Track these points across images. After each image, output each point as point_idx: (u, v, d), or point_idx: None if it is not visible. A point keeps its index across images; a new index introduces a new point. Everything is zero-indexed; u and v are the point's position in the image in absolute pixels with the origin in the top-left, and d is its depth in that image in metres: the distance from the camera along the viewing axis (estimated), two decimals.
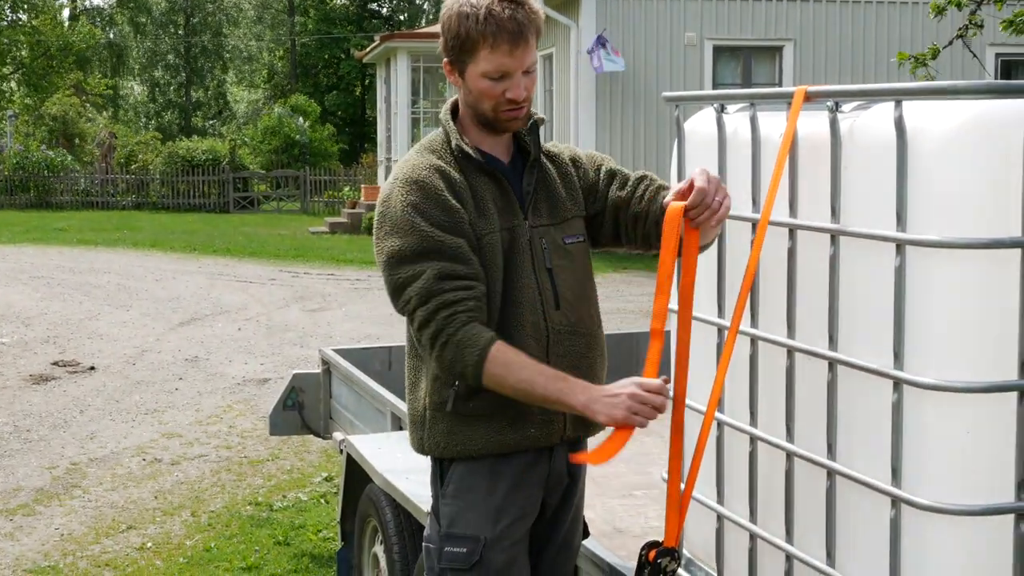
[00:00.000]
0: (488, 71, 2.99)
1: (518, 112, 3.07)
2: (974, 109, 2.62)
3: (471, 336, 2.94)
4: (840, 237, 2.90)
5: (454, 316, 2.95)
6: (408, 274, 2.99)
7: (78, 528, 6.99)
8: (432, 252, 2.97)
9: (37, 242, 23.69)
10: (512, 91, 3.02)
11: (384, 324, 13.62)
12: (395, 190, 3.06)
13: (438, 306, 2.95)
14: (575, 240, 3.22)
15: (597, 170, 3.30)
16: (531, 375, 2.94)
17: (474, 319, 2.97)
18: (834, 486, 2.98)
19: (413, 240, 2.98)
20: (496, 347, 2.94)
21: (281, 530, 6.89)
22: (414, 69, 26.84)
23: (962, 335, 2.64)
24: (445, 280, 2.96)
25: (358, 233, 26.40)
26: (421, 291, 2.97)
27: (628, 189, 3.25)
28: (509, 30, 2.95)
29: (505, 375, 2.94)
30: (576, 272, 3.21)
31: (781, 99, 3.17)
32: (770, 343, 3.20)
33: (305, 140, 37.78)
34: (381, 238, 3.07)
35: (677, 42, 20.24)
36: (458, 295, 2.96)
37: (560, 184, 3.23)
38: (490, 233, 3.06)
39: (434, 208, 3.00)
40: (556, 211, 3.20)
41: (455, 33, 3.00)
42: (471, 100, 3.09)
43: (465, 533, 3.12)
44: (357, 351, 6.55)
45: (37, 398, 10.26)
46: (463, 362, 2.94)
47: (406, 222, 3.00)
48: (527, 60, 3.01)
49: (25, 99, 45.64)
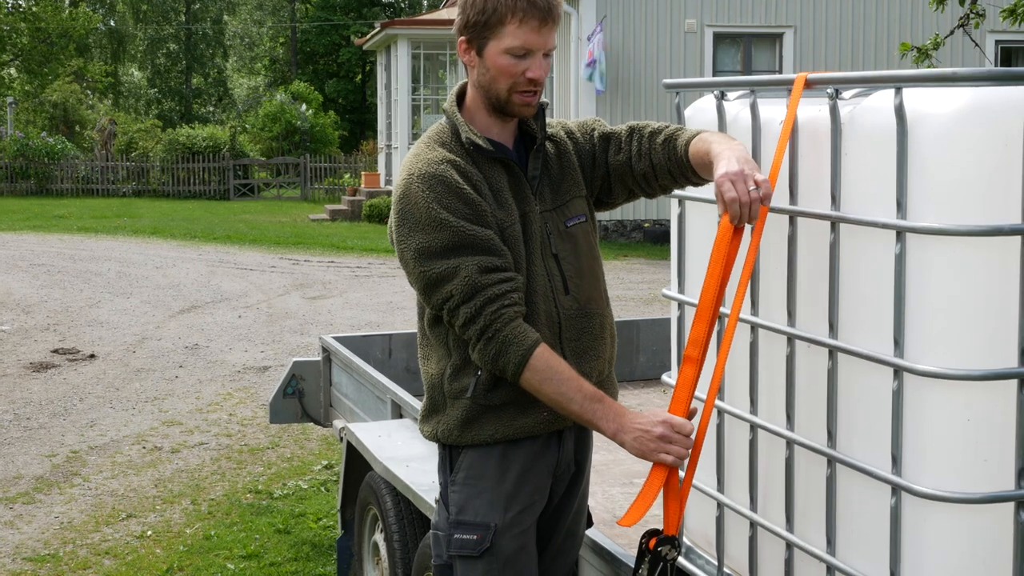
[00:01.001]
0: (513, 47, 2.99)
1: (532, 97, 3.06)
2: (974, 96, 2.61)
3: (518, 336, 2.94)
4: (840, 224, 2.90)
5: (501, 312, 2.94)
6: (442, 269, 2.96)
7: (78, 516, 7.00)
8: (465, 246, 2.96)
9: (37, 229, 23.69)
10: (533, 70, 3.02)
11: (384, 312, 13.62)
12: (412, 186, 3.02)
13: (484, 301, 2.94)
14: (576, 221, 3.21)
15: (590, 138, 3.29)
16: (569, 390, 2.96)
17: (519, 314, 2.98)
18: (834, 474, 2.98)
19: (444, 235, 2.96)
20: (540, 351, 2.95)
21: (281, 518, 6.90)
22: (414, 56, 26.80)
23: (962, 322, 2.64)
24: (487, 274, 2.95)
25: (358, 220, 26.40)
26: (464, 287, 2.94)
27: (624, 151, 3.24)
28: (540, 7, 2.98)
29: (544, 381, 2.95)
30: (580, 254, 3.20)
31: (781, 86, 3.16)
32: (770, 331, 3.19)
33: (306, 127, 37.75)
34: (405, 236, 3.02)
35: (677, 29, 20.21)
36: (502, 288, 2.95)
37: (559, 166, 3.22)
38: (511, 225, 3.06)
39: (458, 201, 2.98)
40: (558, 194, 3.20)
41: (480, 8, 2.99)
42: (486, 80, 3.06)
43: (475, 520, 3.12)
44: (357, 339, 6.55)
45: (37, 386, 10.26)
46: (506, 359, 2.95)
47: (432, 218, 2.96)
48: (550, 42, 3.03)
49: (25, 86, 45.58)
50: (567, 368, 2.98)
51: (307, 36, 54.51)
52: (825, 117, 2.93)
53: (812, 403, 3.03)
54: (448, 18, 26.28)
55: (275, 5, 59.64)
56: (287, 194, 35.39)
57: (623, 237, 20.51)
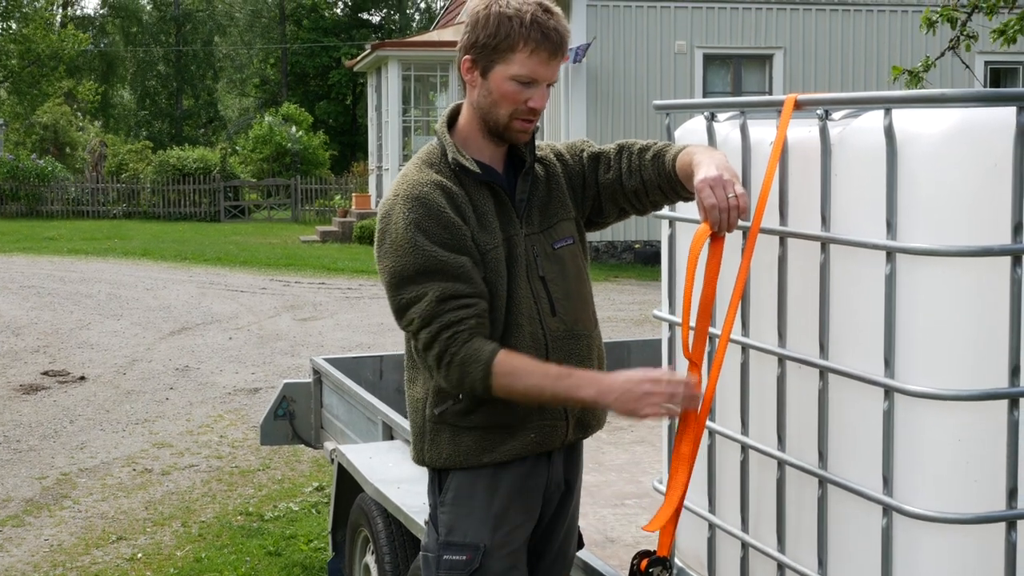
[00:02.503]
0: (520, 75, 3.01)
1: (530, 124, 3.09)
2: (963, 117, 2.62)
3: (473, 352, 2.95)
4: (830, 245, 2.90)
5: (455, 336, 2.96)
6: (411, 295, 2.99)
7: (68, 539, 6.97)
8: (434, 272, 2.97)
9: (27, 251, 23.65)
10: (535, 100, 3.04)
11: (375, 333, 13.61)
12: (396, 207, 3.04)
13: (440, 328, 2.96)
14: (564, 243, 3.22)
15: (579, 159, 3.30)
16: (537, 380, 2.96)
17: (476, 335, 2.98)
18: (825, 494, 2.98)
19: (415, 260, 2.98)
20: (499, 358, 2.95)
21: (272, 540, 6.88)
22: (405, 78, 26.82)
23: (953, 343, 2.64)
24: (446, 301, 2.96)
25: (349, 242, 26.39)
26: (423, 313, 2.97)
27: (613, 169, 3.25)
28: (552, 40, 3.00)
29: (513, 383, 2.95)
30: (568, 276, 3.21)
31: (771, 107, 3.17)
32: (761, 351, 3.19)
33: (297, 149, 37.77)
34: (383, 256, 3.06)
35: (667, 50, 20.27)
36: (459, 315, 2.96)
37: (548, 189, 3.23)
38: (495, 248, 3.07)
39: (436, 226, 2.99)
40: (545, 217, 3.20)
41: (492, 32, 3.00)
42: (487, 103, 3.08)
43: (464, 541, 3.11)
44: (348, 360, 6.54)
45: (27, 408, 10.23)
46: (471, 378, 2.96)
47: (408, 241, 2.99)
48: (555, 75, 3.07)
49: (16, 107, 45.56)
50: (529, 361, 2.99)
51: (297, 58, 54.62)
52: (815, 138, 2.93)
53: (803, 424, 3.03)
54: (439, 40, 26.34)
55: (265, 27, 59.73)
56: (278, 216, 35.38)
57: (614, 258, 20.53)
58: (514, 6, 3.00)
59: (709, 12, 20.35)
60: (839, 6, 20.49)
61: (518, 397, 2.99)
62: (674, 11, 20.28)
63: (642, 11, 20.19)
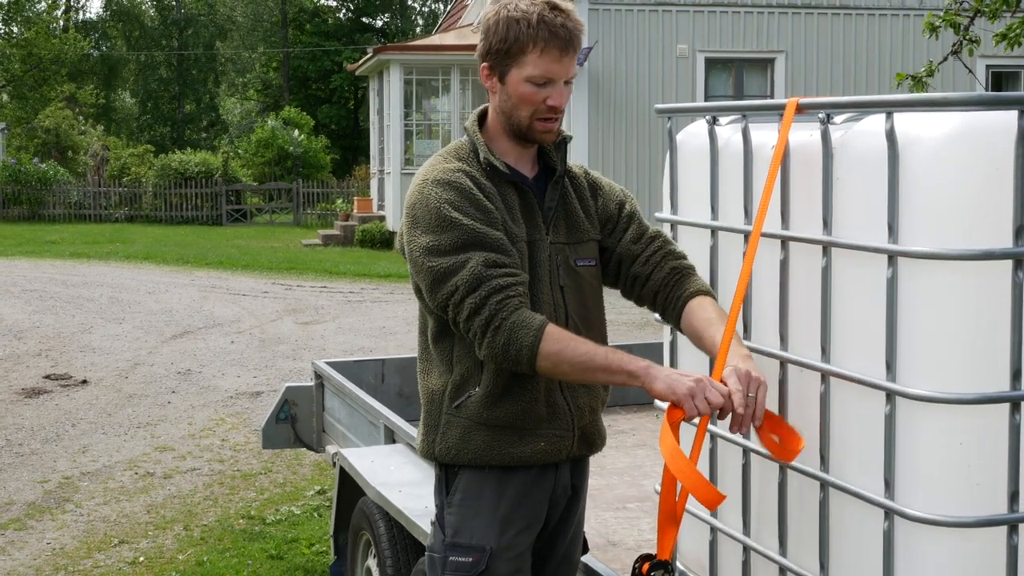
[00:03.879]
0: (534, 76, 3.02)
1: (552, 124, 3.09)
2: (964, 120, 2.62)
3: (524, 319, 2.92)
4: (832, 248, 2.90)
5: (506, 301, 2.93)
6: (450, 263, 2.96)
7: (70, 543, 6.97)
8: (474, 244, 2.96)
9: (30, 255, 23.65)
10: (554, 98, 3.05)
11: (377, 337, 13.61)
12: (426, 189, 3.04)
13: (489, 292, 2.93)
14: (587, 263, 3.22)
15: (620, 207, 3.29)
16: (589, 348, 2.93)
17: (523, 304, 2.96)
18: (827, 498, 2.98)
19: (453, 234, 2.97)
20: (550, 328, 2.92)
21: (274, 544, 6.88)
22: (407, 82, 26.81)
23: (954, 346, 2.64)
24: (492, 268, 2.94)
25: (351, 245, 26.39)
26: (470, 278, 2.93)
27: (641, 245, 3.25)
28: (561, 36, 3.00)
29: (562, 351, 2.90)
30: (582, 295, 3.21)
31: (773, 111, 3.18)
32: (763, 355, 3.20)
33: (299, 152, 37.77)
34: (416, 236, 3.02)
35: (669, 54, 20.27)
36: (507, 280, 2.94)
37: (579, 206, 3.23)
38: (519, 241, 3.07)
39: (470, 205, 3.00)
40: (573, 231, 3.20)
41: (503, 37, 3.02)
42: (508, 107, 3.09)
43: (470, 543, 3.11)
44: (350, 364, 6.54)
45: (29, 412, 10.23)
46: (518, 344, 2.91)
47: (443, 218, 2.98)
48: (571, 70, 3.06)
49: (18, 111, 45.56)
50: (577, 337, 2.97)
51: (299, 62, 54.62)
52: (816, 142, 2.94)
53: (804, 427, 3.03)
54: (440, 44, 26.33)
55: (267, 31, 59.75)
56: (280, 219, 35.36)
57: None
58: (522, 8, 3.02)
59: (711, 15, 20.35)
60: (841, 10, 20.50)
61: (565, 367, 2.92)
62: (676, 15, 20.28)
63: (644, 15, 20.19)
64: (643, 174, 19.29)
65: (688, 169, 3.60)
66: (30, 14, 48.63)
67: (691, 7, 20.27)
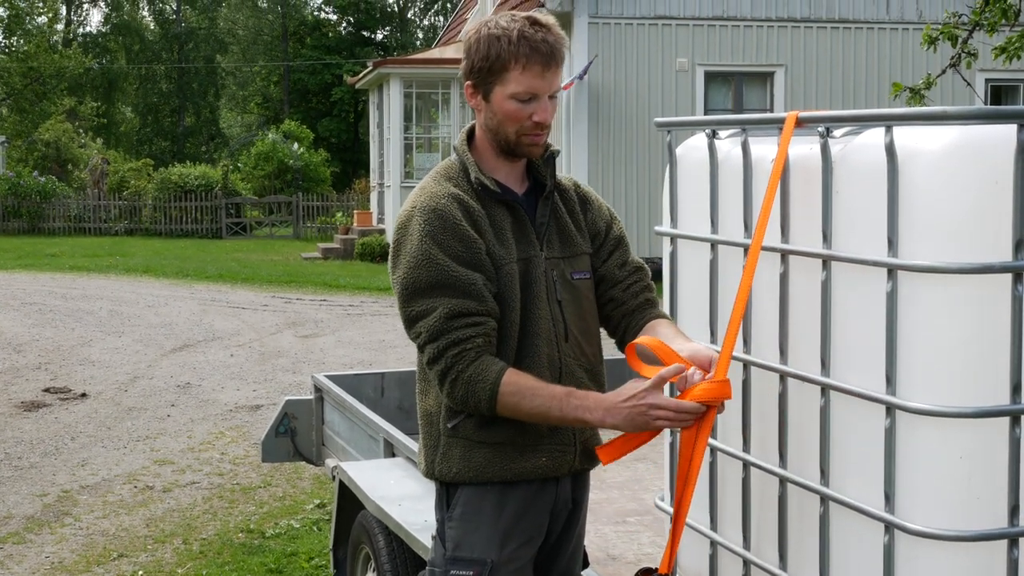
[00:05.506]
0: (518, 92, 3.01)
1: (539, 138, 3.08)
2: (963, 134, 2.62)
3: (480, 372, 2.96)
4: (832, 262, 2.91)
5: (462, 354, 2.97)
6: (421, 308, 3.01)
7: (69, 556, 6.96)
8: (445, 287, 2.98)
9: (29, 268, 23.66)
10: (539, 114, 3.03)
11: (376, 350, 13.60)
12: (414, 218, 3.05)
13: (447, 344, 2.97)
14: (582, 276, 3.22)
15: (608, 227, 3.29)
16: (543, 401, 2.95)
17: (483, 353, 2.98)
18: (827, 512, 2.97)
19: (428, 273, 2.99)
20: (506, 379, 2.95)
21: (273, 558, 6.87)
22: (407, 95, 26.86)
23: (954, 360, 2.64)
24: (455, 319, 2.97)
25: (351, 259, 26.39)
26: (431, 328, 2.98)
27: (625, 271, 3.26)
28: (542, 52, 2.99)
29: (519, 404, 2.96)
30: (580, 308, 3.20)
31: (772, 124, 3.18)
32: (762, 368, 3.19)
33: (299, 166, 37.81)
34: (397, 266, 3.07)
35: (668, 67, 20.29)
36: (466, 332, 2.97)
37: (571, 220, 3.23)
38: (509, 263, 3.07)
39: (451, 239, 3.00)
40: (567, 245, 3.20)
41: (484, 55, 3.02)
42: (494, 124, 3.08)
43: (471, 556, 3.11)
44: (350, 377, 6.53)
45: (28, 425, 10.22)
46: (476, 398, 2.97)
47: (422, 253, 3.00)
48: (555, 84, 3.05)
49: (18, 125, 45.61)
50: (535, 382, 2.99)
51: (300, 75, 54.70)
52: (816, 155, 2.94)
53: (804, 441, 3.03)
54: (440, 57, 26.38)
55: (268, 44, 59.85)
56: (279, 232, 35.38)
57: None
58: (502, 25, 3.01)
59: (710, 29, 20.37)
60: (840, 24, 20.52)
61: (523, 417, 3.00)
62: (675, 29, 20.30)
63: (644, 28, 20.22)
64: (643, 188, 19.30)
65: (688, 183, 3.60)
66: (31, 27, 48.69)
67: (691, 21, 20.30)
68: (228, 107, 64.46)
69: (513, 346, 3.06)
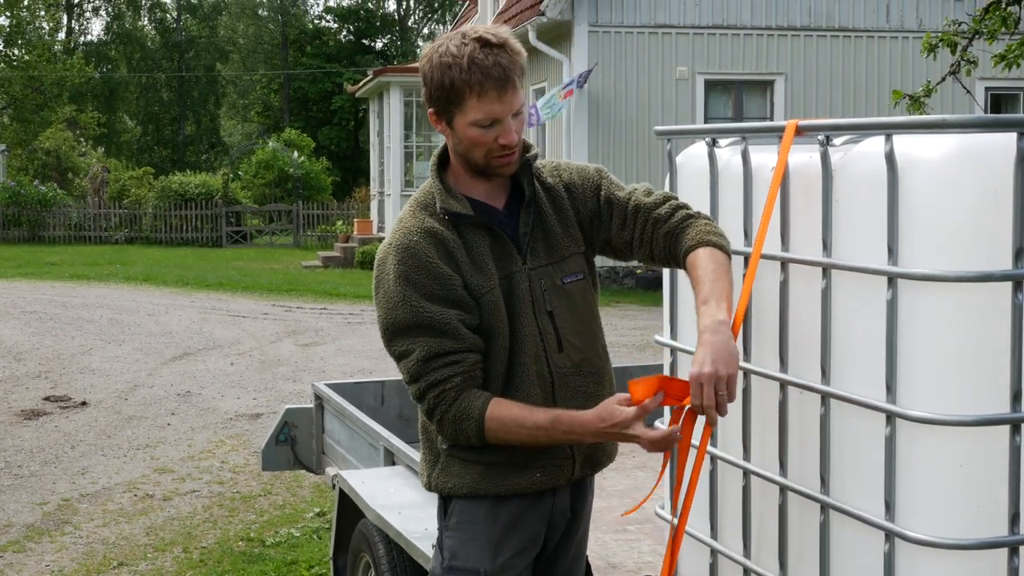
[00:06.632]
0: (478, 119, 2.93)
1: (510, 157, 3.02)
2: (963, 142, 2.63)
3: (463, 410, 2.97)
4: (832, 270, 2.91)
5: (443, 395, 2.98)
6: (402, 348, 3.03)
7: (69, 565, 6.95)
8: (422, 328, 2.99)
9: (29, 277, 23.66)
10: (504, 136, 2.96)
11: (376, 359, 13.60)
12: (389, 257, 3.05)
13: (427, 386, 2.99)
14: (574, 279, 3.17)
15: (596, 196, 3.19)
16: (529, 432, 2.97)
17: (464, 389, 2.99)
18: (827, 520, 2.97)
19: (404, 314, 3.00)
20: (489, 413, 2.96)
21: (273, 566, 6.86)
22: (407, 103, 26.91)
23: (954, 368, 2.64)
24: (432, 360, 2.98)
25: (351, 267, 26.40)
26: (411, 370, 3.01)
27: (628, 229, 3.15)
28: (495, 76, 2.89)
29: (507, 436, 2.99)
30: (577, 311, 3.17)
31: (772, 133, 3.18)
32: (763, 376, 3.19)
33: (299, 174, 37.84)
34: (377, 305, 3.09)
35: (669, 76, 20.32)
36: (444, 373, 2.98)
37: (557, 221, 3.17)
38: (490, 290, 3.04)
39: (425, 278, 2.99)
40: (553, 250, 3.15)
41: (439, 84, 2.94)
42: (461, 149, 3.03)
43: (466, 566, 3.12)
44: (350, 386, 6.53)
45: (28, 433, 10.22)
46: (465, 435, 3.00)
47: (398, 294, 3.00)
48: (516, 103, 2.95)
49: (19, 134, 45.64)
50: (518, 412, 2.98)
51: (300, 84, 54.77)
52: (816, 163, 2.94)
53: (805, 449, 3.03)
54: None
55: (268, 52, 59.92)
56: (280, 241, 35.41)
57: (615, 283, 20.53)
58: (452, 52, 2.91)
59: (710, 38, 20.40)
60: (840, 32, 20.55)
61: (513, 443, 3.01)
62: (675, 37, 20.33)
63: (643, 37, 20.24)
64: None
65: (688, 191, 3.60)
66: (32, 36, 48.74)
67: (690, 30, 20.33)
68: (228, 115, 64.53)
69: (502, 370, 3.05)
